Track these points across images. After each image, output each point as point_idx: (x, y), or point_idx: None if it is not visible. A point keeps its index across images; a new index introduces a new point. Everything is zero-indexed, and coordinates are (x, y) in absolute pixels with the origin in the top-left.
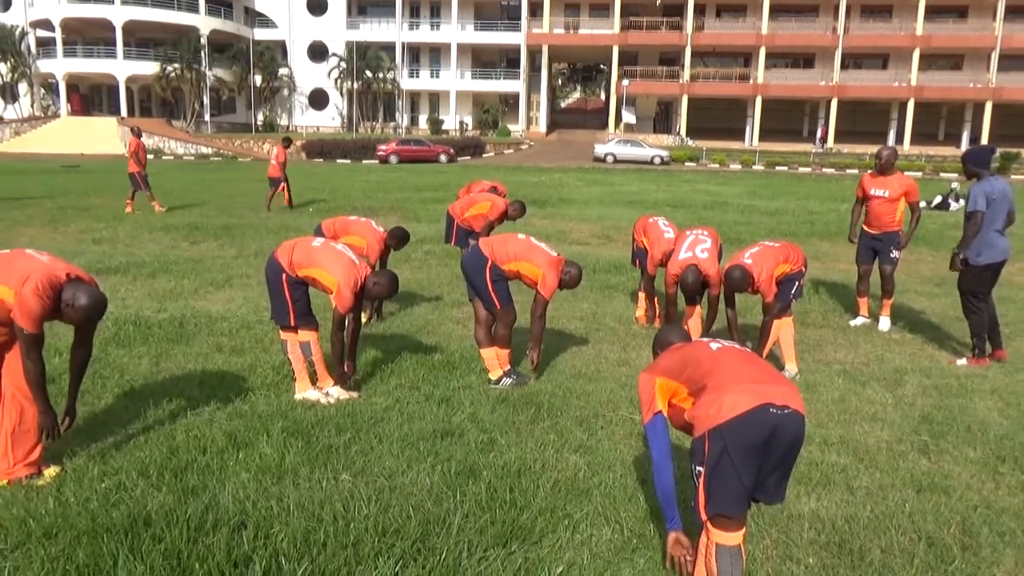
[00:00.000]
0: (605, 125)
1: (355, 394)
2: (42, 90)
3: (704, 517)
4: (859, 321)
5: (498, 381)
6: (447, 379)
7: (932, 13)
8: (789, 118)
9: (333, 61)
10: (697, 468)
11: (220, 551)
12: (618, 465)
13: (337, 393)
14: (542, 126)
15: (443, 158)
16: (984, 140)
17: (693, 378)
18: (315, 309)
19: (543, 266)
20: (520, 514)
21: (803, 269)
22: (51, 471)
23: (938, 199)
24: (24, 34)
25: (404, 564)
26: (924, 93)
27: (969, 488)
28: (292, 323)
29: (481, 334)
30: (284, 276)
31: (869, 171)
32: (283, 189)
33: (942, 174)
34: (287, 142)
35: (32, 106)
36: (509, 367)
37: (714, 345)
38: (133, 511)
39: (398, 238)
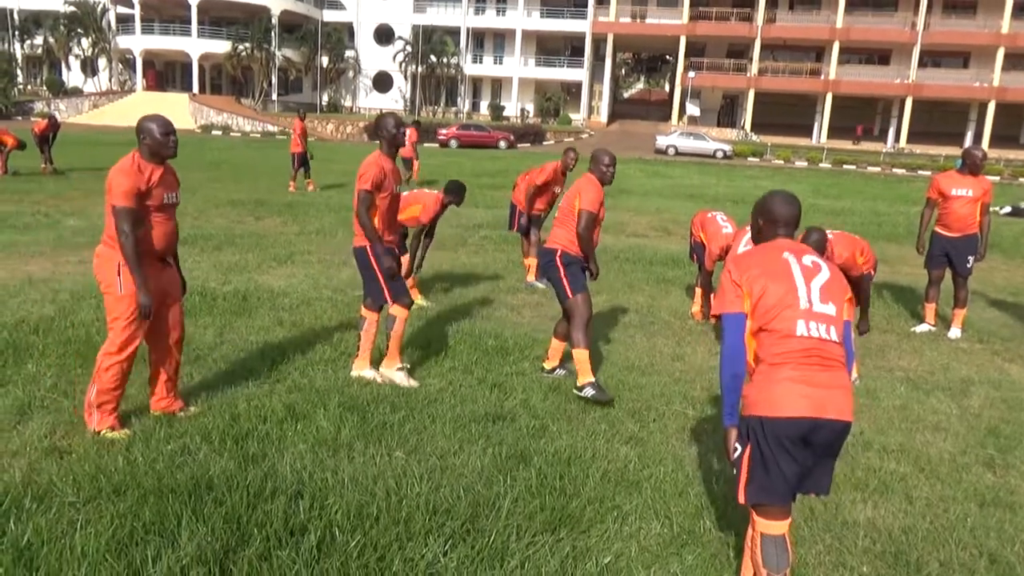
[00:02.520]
0: (668, 117)
1: (415, 383)
2: (120, 65)
3: (743, 500)
4: (924, 328)
5: (582, 388)
6: (500, 364)
7: (1021, 10)
8: (861, 116)
9: (398, 44)
10: (738, 447)
11: (278, 518)
12: (669, 459)
13: (400, 379)
14: (603, 116)
15: (503, 144)
16: None
17: (763, 328)
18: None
19: (580, 190)
20: (569, 502)
21: (872, 271)
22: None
23: (1008, 208)
24: (105, 11)
25: (453, 544)
26: (1007, 95)
27: None
28: (389, 299)
29: (578, 335)
30: (368, 249)
31: (947, 171)
32: (414, 168)
33: (1021, 179)
34: (418, 124)
35: (110, 80)
36: (593, 379)
37: (801, 330)
38: (196, 474)
39: (455, 191)
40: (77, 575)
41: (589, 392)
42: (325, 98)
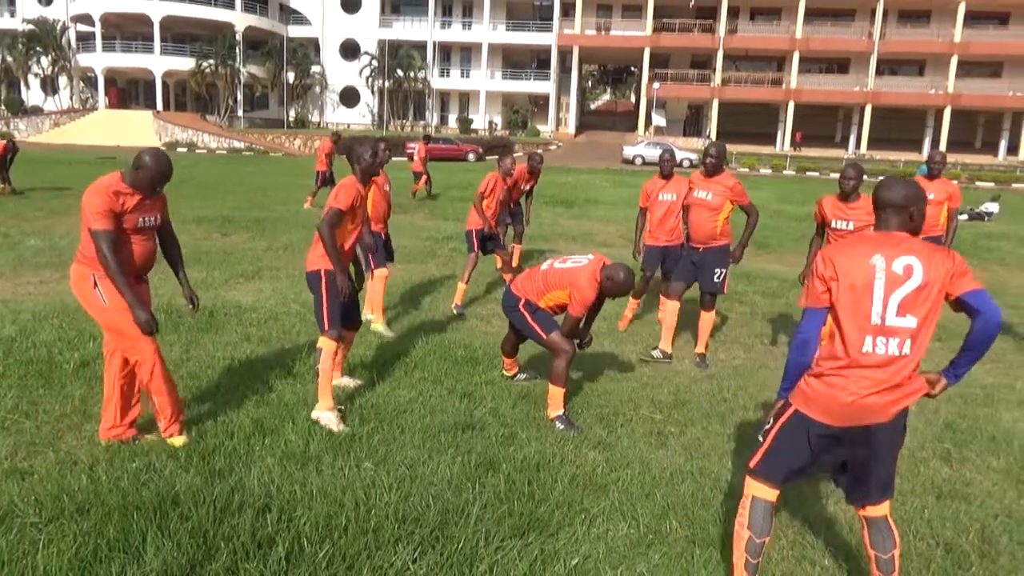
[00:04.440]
0: (634, 127)
1: (346, 428)
2: (81, 83)
3: (752, 465)
4: None
5: (552, 420)
6: (470, 374)
7: (972, 19)
8: (822, 124)
9: (365, 59)
10: (770, 421)
11: (245, 532)
12: (636, 462)
13: (332, 423)
14: (571, 127)
15: (471, 157)
16: None
17: (832, 347)
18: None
19: (574, 280)
20: (538, 507)
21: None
22: (151, 437)
23: (964, 217)
24: (65, 28)
25: (422, 551)
26: (961, 101)
27: (990, 496)
28: (324, 326)
29: (556, 372)
30: (322, 273)
31: (912, 177)
32: (425, 181)
33: (977, 183)
34: (428, 139)
35: (71, 99)
36: (564, 413)
37: (867, 347)
38: (162, 491)
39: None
40: None
41: (558, 425)
42: (292, 114)
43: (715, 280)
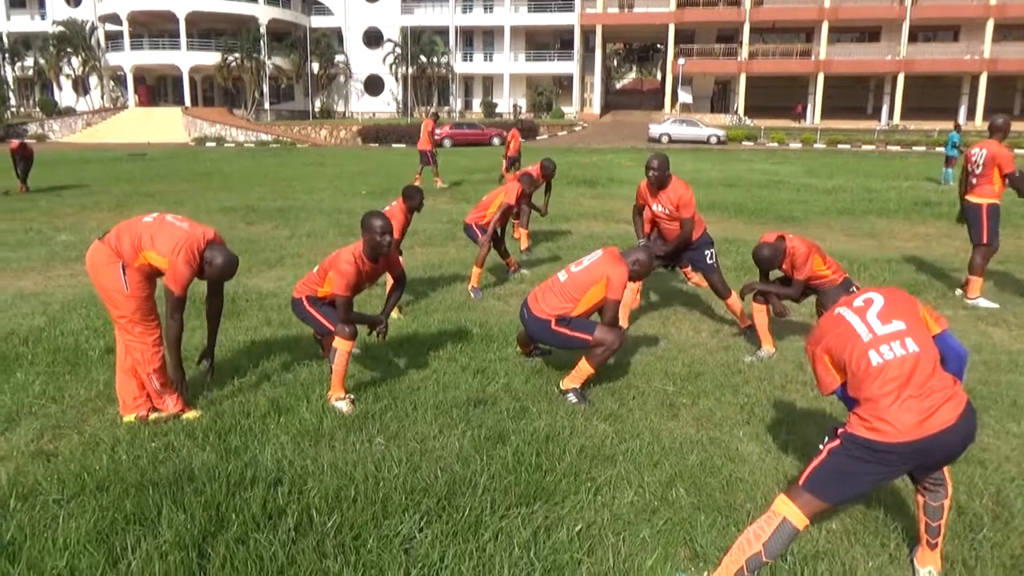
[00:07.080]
0: (661, 105)
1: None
2: (111, 82)
3: (801, 483)
4: (986, 304)
5: (565, 392)
6: (484, 351)
7: None
8: (853, 95)
9: (388, 47)
10: (827, 440)
11: (256, 504)
12: (646, 433)
13: (344, 409)
14: (596, 107)
15: (496, 141)
16: None
17: (853, 382)
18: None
19: (604, 267)
20: (544, 476)
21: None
22: (192, 414)
23: None
24: (94, 28)
25: (429, 520)
26: (998, 66)
27: (1007, 460)
28: (330, 328)
29: (594, 356)
30: (304, 300)
31: (997, 143)
32: (517, 167)
33: (1016, 150)
34: (520, 126)
35: (102, 98)
36: (579, 387)
37: (875, 360)
38: (178, 467)
39: (410, 196)
40: (58, 564)
41: (572, 398)
42: (317, 104)
43: (708, 261)
